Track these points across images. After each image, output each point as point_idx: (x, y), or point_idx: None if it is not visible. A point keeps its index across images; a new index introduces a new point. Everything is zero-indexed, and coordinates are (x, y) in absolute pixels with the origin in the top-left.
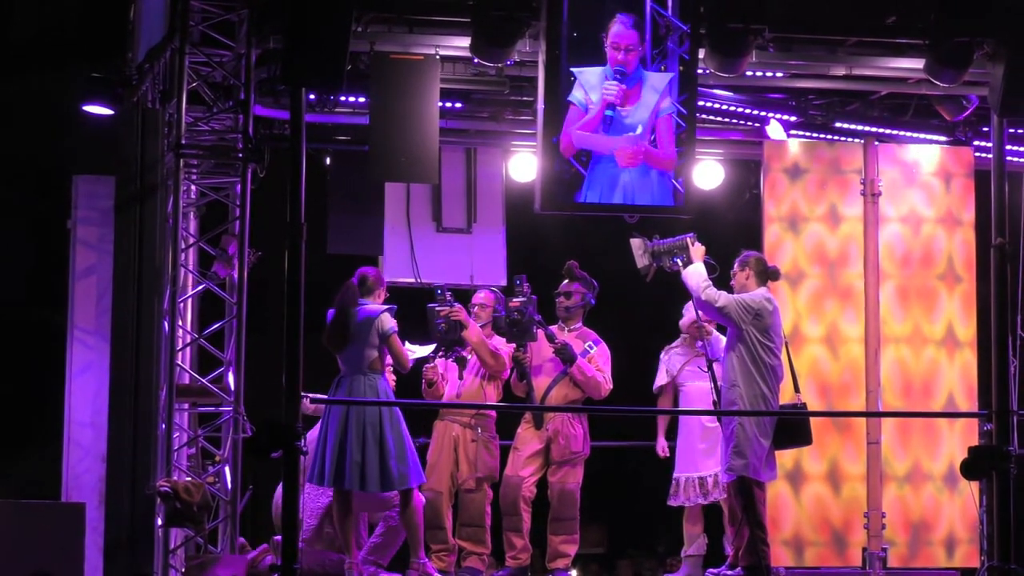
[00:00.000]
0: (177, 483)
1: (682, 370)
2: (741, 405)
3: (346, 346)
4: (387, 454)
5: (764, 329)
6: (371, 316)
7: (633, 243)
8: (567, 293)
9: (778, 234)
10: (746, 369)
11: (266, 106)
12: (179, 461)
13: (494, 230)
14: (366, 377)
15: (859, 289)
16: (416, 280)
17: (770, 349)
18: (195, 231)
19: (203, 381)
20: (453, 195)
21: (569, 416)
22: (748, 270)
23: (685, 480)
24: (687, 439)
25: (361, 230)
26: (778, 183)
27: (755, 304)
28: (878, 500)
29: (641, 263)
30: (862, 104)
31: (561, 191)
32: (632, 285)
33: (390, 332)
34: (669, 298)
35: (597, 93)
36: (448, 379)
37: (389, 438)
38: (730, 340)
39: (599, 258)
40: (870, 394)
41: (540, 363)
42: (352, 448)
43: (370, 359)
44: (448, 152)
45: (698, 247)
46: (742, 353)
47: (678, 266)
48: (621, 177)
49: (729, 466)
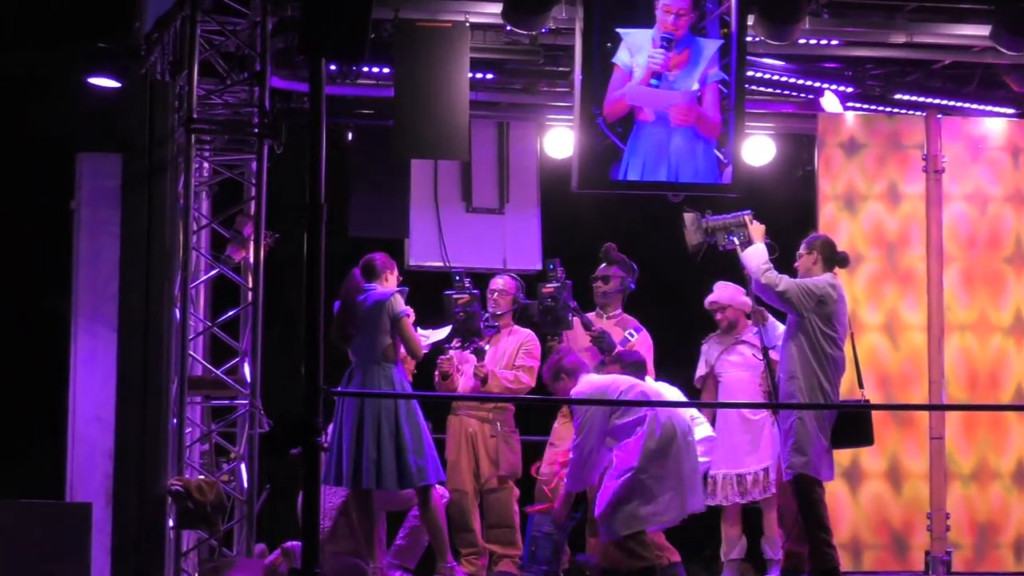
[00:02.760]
0: (189, 482)
1: (719, 359)
2: (800, 398)
3: (351, 340)
4: (404, 448)
5: (827, 317)
6: (381, 300)
7: (686, 218)
8: (605, 277)
9: (834, 214)
10: (805, 360)
11: (283, 78)
12: (191, 458)
13: (528, 210)
14: (379, 367)
15: (921, 273)
16: (445, 264)
17: (832, 339)
18: (208, 212)
19: (217, 372)
20: (484, 173)
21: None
22: (815, 253)
23: (723, 478)
24: (725, 433)
25: (385, 211)
26: (833, 159)
27: (818, 290)
28: (942, 500)
29: (693, 240)
30: (923, 74)
31: (600, 168)
32: (676, 268)
33: (400, 315)
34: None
35: (643, 57)
36: (464, 372)
37: (406, 431)
38: (790, 328)
39: (640, 240)
40: (933, 386)
41: (577, 353)
42: (368, 444)
43: (383, 347)
44: (479, 127)
45: (757, 226)
46: (802, 342)
47: (734, 245)
48: (671, 144)
49: (789, 464)
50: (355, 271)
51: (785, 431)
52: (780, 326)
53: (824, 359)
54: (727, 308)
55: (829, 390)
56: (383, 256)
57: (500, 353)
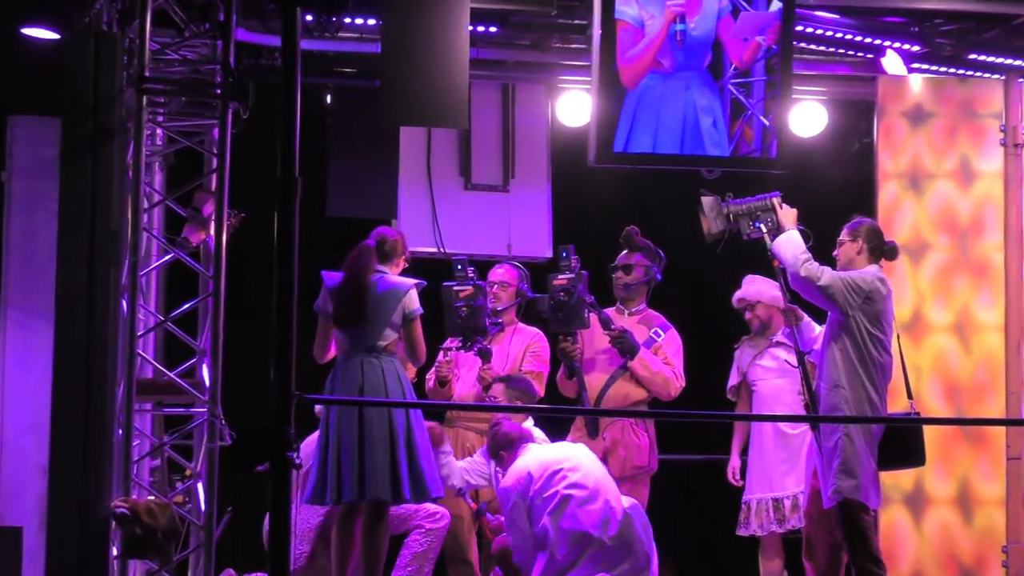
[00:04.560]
0: (138, 503)
1: (752, 364)
2: (846, 411)
3: (360, 323)
4: (416, 454)
5: (875, 316)
6: (397, 289)
7: (704, 202)
8: (626, 267)
9: (895, 194)
10: (851, 366)
11: (251, 30)
12: (140, 475)
13: (537, 187)
14: (381, 360)
15: (997, 264)
16: (439, 250)
17: (880, 342)
18: (161, 186)
19: (170, 375)
20: (486, 143)
21: (631, 422)
22: (860, 241)
23: (757, 503)
24: (760, 451)
25: (370, 187)
26: (896, 130)
27: (866, 284)
28: (1020, 530)
29: (713, 228)
30: (1003, 31)
31: (621, 138)
32: (710, 257)
33: (416, 314)
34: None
35: (657, 5)
36: (461, 377)
37: (417, 434)
38: (831, 329)
39: (669, 223)
40: (1011, 397)
41: (593, 355)
42: (376, 447)
43: (388, 340)
44: (480, 89)
45: (788, 210)
46: (846, 346)
47: (760, 232)
48: (704, 109)
49: (836, 487)
50: (369, 244)
51: (829, 450)
52: (816, 327)
53: (872, 365)
54: (757, 305)
55: (878, 402)
56: (396, 234)
57: (503, 356)
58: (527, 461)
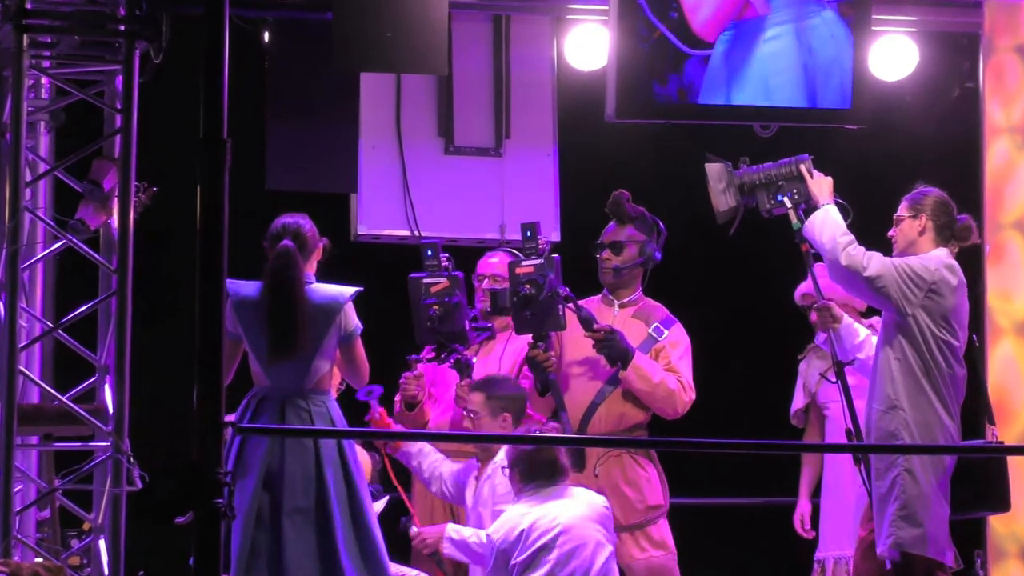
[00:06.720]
0: (21, 566)
1: (823, 382)
2: (907, 438)
3: (297, 352)
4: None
5: (943, 315)
6: (332, 303)
7: (710, 171)
8: (614, 244)
9: (1007, 155)
10: (913, 380)
11: None
12: (24, 529)
13: (540, 151)
14: (310, 403)
15: None
16: (412, 234)
17: (951, 348)
18: (49, 153)
19: (63, 399)
20: (473, 95)
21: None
22: (923, 218)
23: (833, 563)
24: (835, 499)
25: (321, 152)
26: (1008, 71)
27: (930, 274)
28: None
29: (723, 203)
30: None
31: (649, 86)
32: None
33: (356, 333)
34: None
35: None
36: (436, 397)
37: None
38: (885, 333)
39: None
40: None
41: (574, 364)
42: (301, 531)
43: (320, 374)
44: (464, 23)
45: (821, 178)
46: (906, 354)
47: (785, 208)
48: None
49: (895, 539)
50: (290, 245)
51: (884, 490)
52: (862, 331)
53: (939, 379)
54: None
55: (951, 426)
56: (308, 224)
57: (495, 369)
58: (531, 515)
